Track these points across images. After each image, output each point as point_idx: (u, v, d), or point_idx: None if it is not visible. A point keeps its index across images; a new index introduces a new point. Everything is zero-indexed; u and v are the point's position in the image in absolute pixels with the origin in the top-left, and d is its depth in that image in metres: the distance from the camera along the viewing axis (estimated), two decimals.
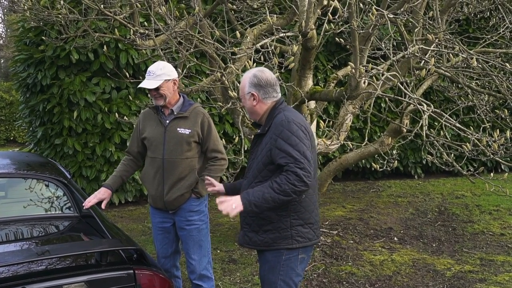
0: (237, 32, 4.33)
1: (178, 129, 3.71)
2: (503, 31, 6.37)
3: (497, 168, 10.59)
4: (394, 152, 9.73)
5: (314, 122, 6.24)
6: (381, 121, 9.44)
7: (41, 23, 6.80)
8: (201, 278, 3.79)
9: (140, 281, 2.97)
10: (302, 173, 2.72)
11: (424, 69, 3.63)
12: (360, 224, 7.15)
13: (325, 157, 9.35)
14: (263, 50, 4.26)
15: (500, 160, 4.81)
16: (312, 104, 5.97)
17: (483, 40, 5.95)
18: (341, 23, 4.27)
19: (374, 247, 6.26)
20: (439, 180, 9.95)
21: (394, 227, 7.05)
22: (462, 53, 4.41)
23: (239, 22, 7.15)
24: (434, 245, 6.40)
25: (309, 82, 5.76)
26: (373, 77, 4.39)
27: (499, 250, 6.15)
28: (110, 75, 6.85)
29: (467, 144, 3.71)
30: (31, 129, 8.38)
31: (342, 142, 6.04)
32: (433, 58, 3.64)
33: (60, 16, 5.51)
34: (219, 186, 3.31)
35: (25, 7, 5.82)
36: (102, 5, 4.98)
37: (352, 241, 6.43)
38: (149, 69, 3.67)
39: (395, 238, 6.64)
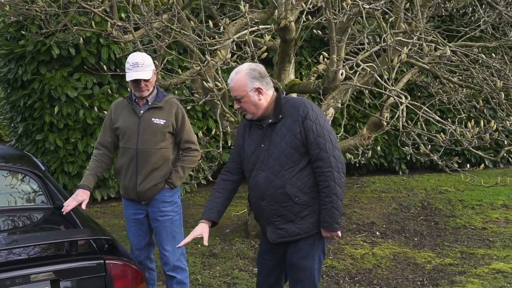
0: (210, 22, 4.30)
1: (153, 119, 3.70)
2: (483, 26, 6.40)
3: (481, 163, 10.62)
4: (379, 148, 9.81)
5: None
6: (365, 116, 9.46)
7: (21, 18, 6.75)
8: (174, 270, 3.77)
9: (110, 271, 2.94)
10: (341, 167, 2.93)
11: (396, 58, 3.63)
12: (342, 218, 7.15)
13: None
14: (238, 40, 4.25)
15: (481, 154, 4.84)
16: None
17: (462, 33, 5.97)
18: (322, 16, 4.27)
19: (356, 241, 6.26)
20: (423, 176, 9.97)
21: (377, 222, 7.06)
22: (440, 46, 4.43)
23: (221, 17, 7.14)
24: (415, 239, 6.42)
25: (290, 76, 5.76)
26: (352, 69, 4.39)
27: (480, 243, 6.18)
28: (91, 71, 6.81)
29: (442, 134, 3.72)
30: (12, 125, 8.31)
31: None
32: (405, 47, 3.65)
33: (39, 10, 5.45)
34: (201, 230, 3.18)
35: (2, 0, 5.77)
36: None
37: None
38: (133, 60, 3.62)
39: (377, 233, 6.65)
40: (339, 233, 2.99)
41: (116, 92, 7.64)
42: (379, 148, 9.74)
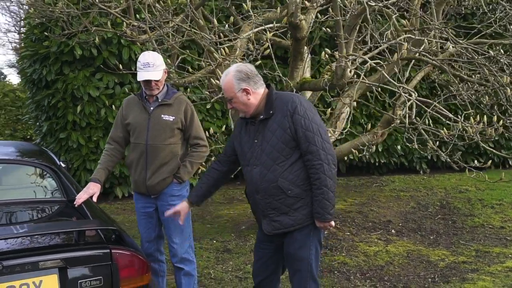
0: (213, 21, 4.38)
1: (162, 115, 3.81)
2: (502, 24, 6.35)
3: (505, 163, 10.51)
4: (399, 147, 9.77)
5: None
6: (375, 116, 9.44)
7: (45, 20, 6.98)
8: (182, 261, 3.87)
9: (116, 260, 3.05)
10: (331, 159, 2.99)
11: (396, 55, 3.66)
12: (359, 217, 7.17)
13: None
14: (243, 38, 4.34)
15: (501, 153, 4.80)
16: (308, 94, 6.01)
17: (475, 31, 5.93)
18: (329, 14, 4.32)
19: (370, 239, 6.28)
20: (444, 175, 9.90)
21: (393, 220, 7.06)
22: (452, 43, 4.44)
23: (240, 17, 7.23)
24: (431, 238, 6.40)
25: (305, 74, 5.81)
26: (361, 66, 4.44)
27: (496, 242, 6.13)
28: (111, 70, 6.97)
29: (444, 129, 3.73)
30: (37, 123, 8.57)
31: (338, 134, 6.09)
32: (406, 44, 3.68)
33: (58, 11, 5.64)
34: (180, 207, 3.42)
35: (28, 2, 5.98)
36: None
37: (348, 233, 6.46)
38: (144, 60, 3.72)
39: (393, 231, 6.65)
40: (332, 223, 3.07)
41: (137, 91, 7.80)
42: (399, 147, 9.70)
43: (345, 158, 9.68)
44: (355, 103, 6.37)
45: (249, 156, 3.12)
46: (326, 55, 4.19)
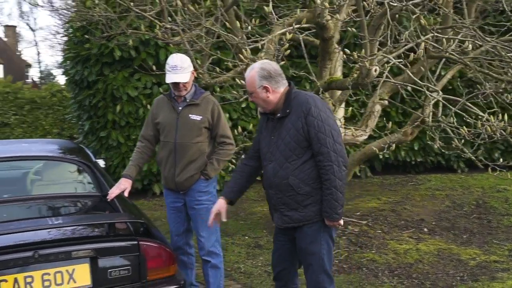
0: (238, 20, 4.50)
1: (190, 115, 3.97)
2: None
3: None
4: (435, 146, 9.65)
5: (342, 112, 6.34)
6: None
7: (85, 23, 7.28)
8: (209, 254, 4.04)
9: (143, 251, 3.24)
10: (342, 161, 3.07)
11: (422, 51, 3.68)
12: (391, 215, 7.18)
13: (358, 147, 9.38)
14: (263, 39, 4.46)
15: None
16: (337, 93, 6.08)
17: (505, 28, 5.86)
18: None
19: (402, 237, 6.29)
20: (482, 174, 9.70)
21: (426, 219, 7.03)
22: (480, 42, 4.44)
23: (275, 17, 7.34)
24: (464, 237, 6.35)
25: (337, 73, 5.88)
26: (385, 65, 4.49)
27: None
28: (148, 71, 7.21)
29: (464, 127, 3.75)
30: (79, 122, 8.93)
31: (368, 132, 6.14)
32: (423, 43, 3.71)
33: (97, 15, 5.90)
34: (222, 208, 3.42)
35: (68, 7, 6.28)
36: (132, 3, 5.31)
37: (380, 231, 6.49)
38: (172, 63, 3.89)
39: (425, 229, 6.63)
40: (341, 222, 3.16)
41: None
42: (435, 146, 9.59)
43: (380, 156, 9.67)
44: (386, 101, 6.42)
45: (266, 151, 3.25)
46: (355, 55, 4.25)
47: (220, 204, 3.43)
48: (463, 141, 4.29)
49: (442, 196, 8.21)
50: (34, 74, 50.52)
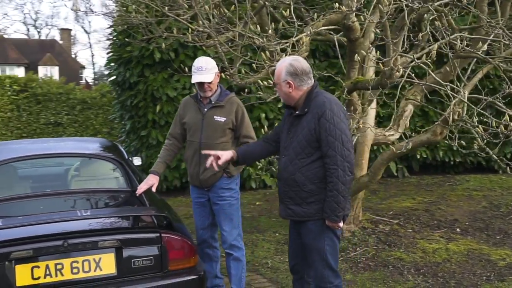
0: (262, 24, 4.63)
1: (214, 117, 4.16)
2: None
3: None
4: (475, 146, 9.51)
5: (373, 113, 6.39)
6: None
7: (126, 26, 7.62)
8: (231, 248, 4.23)
9: (165, 243, 3.45)
10: (348, 166, 3.17)
11: (425, 54, 3.74)
12: (425, 215, 7.17)
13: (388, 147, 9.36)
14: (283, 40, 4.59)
15: None
16: (366, 94, 6.14)
17: None
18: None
19: (432, 237, 6.29)
20: None
21: (460, 219, 6.98)
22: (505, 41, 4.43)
23: (309, 17, 7.46)
24: (497, 237, 6.29)
25: (368, 73, 5.95)
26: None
27: None
28: (183, 73, 7.46)
29: (479, 126, 3.77)
30: (122, 122, 9.32)
31: (400, 131, 6.16)
32: (435, 44, 3.75)
33: (135, 19, 6.18)
34: (227, 155, 3.62)
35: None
36: (167, 8, 5.56)
37: (410, 230, 6.51)
38: (198, 64, 4.12)
39: (458, 229, 6.60)
40: (341, 224, 3.27)
41: None
42: (475, 146, 9.45)
43: (418, 156, 9.62)
44: (418, 102, 6.42)
45: (282, 144, 3.43)
46: (371, 56, 4.33)
47: (226, 153, 3.65)
48: (485, 140, 4.30)
49: (479, 197, 8.12)
50: (88, 75, 52.31)
